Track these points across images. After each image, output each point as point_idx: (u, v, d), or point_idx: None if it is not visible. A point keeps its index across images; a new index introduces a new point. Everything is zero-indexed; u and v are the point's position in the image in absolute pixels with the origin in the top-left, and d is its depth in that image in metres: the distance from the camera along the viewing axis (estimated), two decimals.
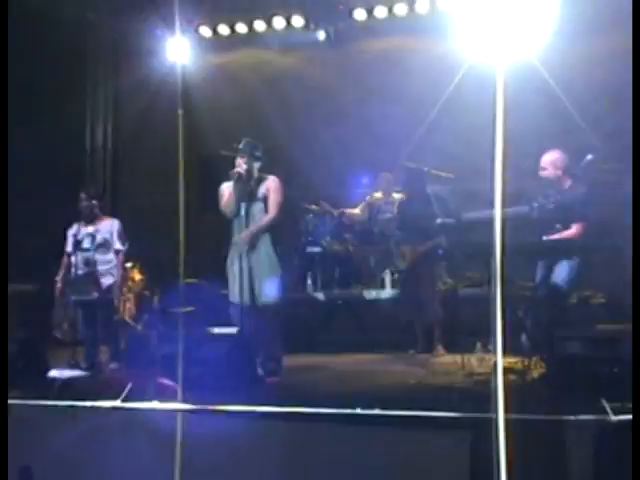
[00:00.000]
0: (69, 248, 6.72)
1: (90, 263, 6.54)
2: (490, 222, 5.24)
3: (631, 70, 4.17)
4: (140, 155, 10.30)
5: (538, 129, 7.20)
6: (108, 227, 6.74)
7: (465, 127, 7.77)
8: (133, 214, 9.13)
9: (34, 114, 7.88)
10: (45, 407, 4.89)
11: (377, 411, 4.32)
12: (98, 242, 6.62)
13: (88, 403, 4.96)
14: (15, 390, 4.87)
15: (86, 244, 6.59)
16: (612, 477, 3.83)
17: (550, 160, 6.01)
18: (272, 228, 6.18)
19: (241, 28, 9.69)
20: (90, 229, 6.67)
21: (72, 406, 5.01)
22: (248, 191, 6.15)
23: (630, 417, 3.67)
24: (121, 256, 6.76)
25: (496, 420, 3.19)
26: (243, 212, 6.10)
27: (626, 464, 3.61)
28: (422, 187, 7.10)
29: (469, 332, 6.03)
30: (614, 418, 3.82)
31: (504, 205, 4.19)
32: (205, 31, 9.75)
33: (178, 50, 8.58)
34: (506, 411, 3.53)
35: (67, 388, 5.51)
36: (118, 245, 6.73)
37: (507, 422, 3.26)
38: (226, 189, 6.20)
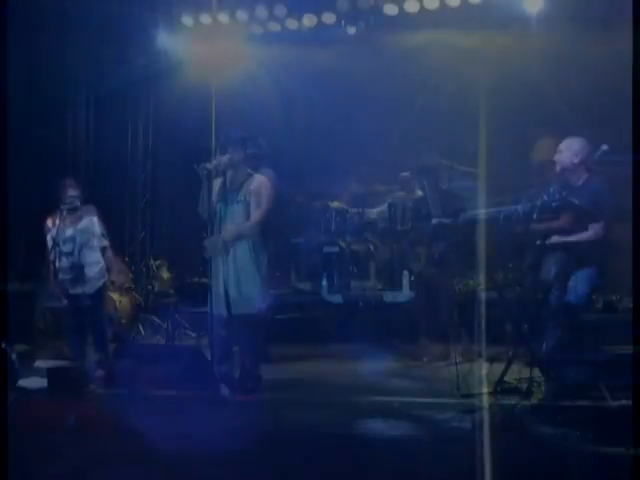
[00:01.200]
0: (51, 252, 6.16)
1: (76, 266, 6.21)
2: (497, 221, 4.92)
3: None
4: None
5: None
6: (88, 226, 6.31)
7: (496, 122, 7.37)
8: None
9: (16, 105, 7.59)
10: None
11: None
12: (81, 243, 6.23)
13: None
14: None
15: (68, 248, 6.18)
16: None
17: (569, 144, 5.42)
18: (258, 231, 5.52)
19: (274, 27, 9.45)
20: (70, 232, 6.23)
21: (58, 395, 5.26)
22: (230, 189, 5.47)
23: None
24: (109, 252, 6.46)
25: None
26: (221, 214, 5.45)
27: None
28: (435, 184, 6.75)
29: (488, 339, 5.69)
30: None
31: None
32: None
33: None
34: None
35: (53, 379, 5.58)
36: (103, 242, 6.37)
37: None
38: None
